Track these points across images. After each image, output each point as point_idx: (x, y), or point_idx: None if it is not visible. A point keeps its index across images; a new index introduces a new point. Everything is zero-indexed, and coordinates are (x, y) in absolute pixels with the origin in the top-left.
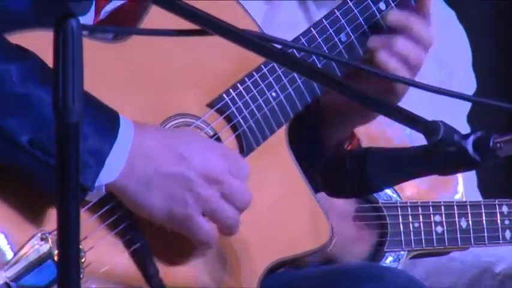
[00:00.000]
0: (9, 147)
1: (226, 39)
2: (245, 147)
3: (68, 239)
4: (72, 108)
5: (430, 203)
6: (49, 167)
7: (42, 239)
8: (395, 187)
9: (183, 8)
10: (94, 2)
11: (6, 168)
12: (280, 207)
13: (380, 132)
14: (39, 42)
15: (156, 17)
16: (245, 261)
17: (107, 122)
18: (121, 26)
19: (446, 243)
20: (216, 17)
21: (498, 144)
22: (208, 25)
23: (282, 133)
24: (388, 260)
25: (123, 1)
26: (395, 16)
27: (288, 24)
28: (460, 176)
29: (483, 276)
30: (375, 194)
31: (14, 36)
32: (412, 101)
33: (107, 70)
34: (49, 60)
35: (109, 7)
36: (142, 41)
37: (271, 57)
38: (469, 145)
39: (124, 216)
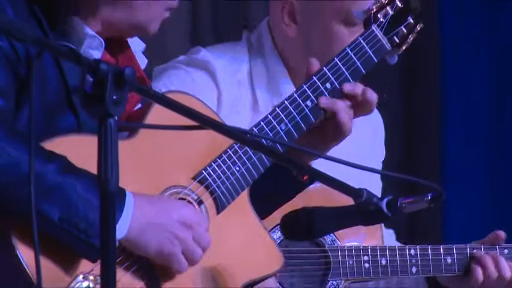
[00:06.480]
0: (45, 223)
1: (216, 131)
2: (220, 206)
3: (110, 276)
4: (110, 179)
5: (361, 247)
6: (73, 235)
7: (84, 278)
8: (336, 234)
9: (187, 110)
10: None
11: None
12: (247, 244)
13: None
14: (73, 144)
15: (155, 117)
16: (228, 279)
17: (117, 194)
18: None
19: (372, 275)
20: (208, 116)
21: (404, 205)
22: (204, 122)
23: (245, 194)
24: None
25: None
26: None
27: None
28: (381, 229)
29: None
30: (321, 239)
31: (56, 140)
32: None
33: (121, 160)
34: (84, 157)
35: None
36: (145, 136)
37: (245, 143)
38: (383, 205)
39: (137, 260)
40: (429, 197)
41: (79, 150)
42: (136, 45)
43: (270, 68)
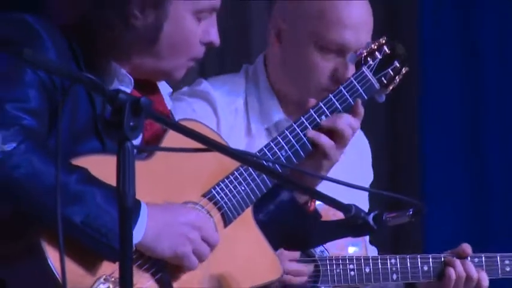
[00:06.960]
0: (69, 226)
1: (221, 153)
2: (227, 220)
3: (128, 279)
4: (128, 192)
5: (347, 257)
6: (95, 239)
7: (105, 280)
8: (326, 246)
9: (198, 135)
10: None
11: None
12: (251, 254)
13: None
14: (97, 163)
15: (169, 141)
16: (232, 284)
17: (134, 204)
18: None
19: (357, 282)
20: (216, 140)
21: (388, 219)
22: (212, 145)
23: (249, 210)
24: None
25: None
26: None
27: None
28: (364, 241)
29: None
30: (311, 251)
31: (80, 159)
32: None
33: (138, 179)
34: (105, 174)
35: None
36: (161, 158)
37: (249, 165)
38: (370, 219)
39: (154, 263)
40: (411, 212)
41: (101, 168)
42: (164, 88)
43: (263, 101)
